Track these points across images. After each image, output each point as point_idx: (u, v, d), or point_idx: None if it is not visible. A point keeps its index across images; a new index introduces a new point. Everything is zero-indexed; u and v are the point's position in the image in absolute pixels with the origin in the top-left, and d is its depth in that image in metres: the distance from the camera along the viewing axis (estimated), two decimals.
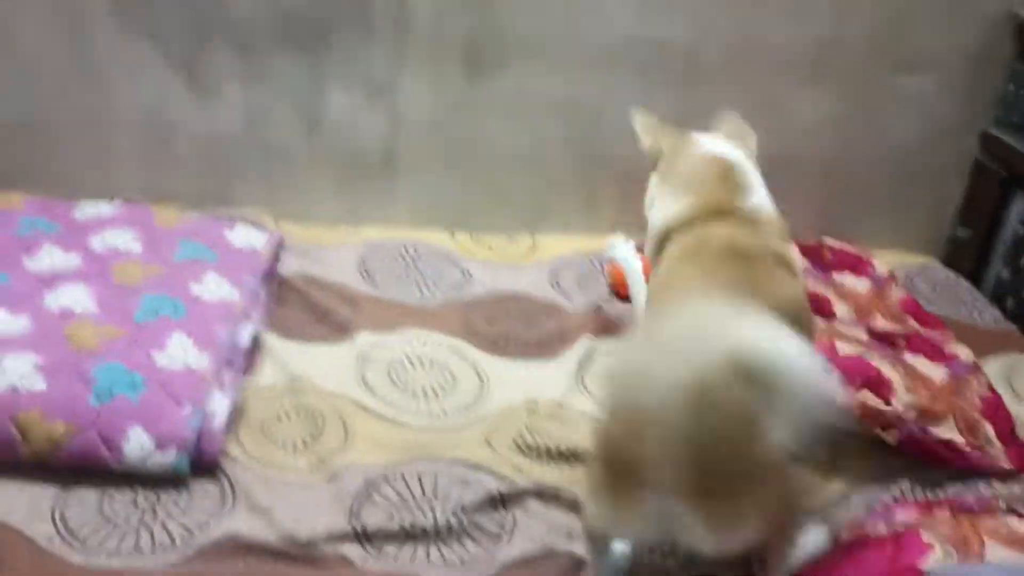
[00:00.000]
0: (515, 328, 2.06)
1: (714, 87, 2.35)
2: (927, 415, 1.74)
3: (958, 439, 1.73)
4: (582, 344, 1.99)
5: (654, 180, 1.69)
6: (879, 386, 1.77)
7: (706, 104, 2.35)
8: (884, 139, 2.45)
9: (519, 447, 1.70)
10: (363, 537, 1.47)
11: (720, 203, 1.54)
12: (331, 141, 2.34)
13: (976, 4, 2.34)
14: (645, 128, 1.72)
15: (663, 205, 1.62)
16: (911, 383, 1.80)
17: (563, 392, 1.86)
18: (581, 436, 1.67)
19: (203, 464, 1.53)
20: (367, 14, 2.20)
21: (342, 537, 1.46)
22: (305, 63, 2.25)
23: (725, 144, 1.65)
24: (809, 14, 2.30)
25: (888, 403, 1.73)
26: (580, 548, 1.47)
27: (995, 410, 1.82)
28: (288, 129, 2.32)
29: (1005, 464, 1.73)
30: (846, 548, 1.47)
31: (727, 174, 1.58)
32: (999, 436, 1.77)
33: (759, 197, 1.58)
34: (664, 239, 1.58)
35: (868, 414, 1.71)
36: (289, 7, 2.18)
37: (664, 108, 2.36)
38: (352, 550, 1.45)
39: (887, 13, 2.32)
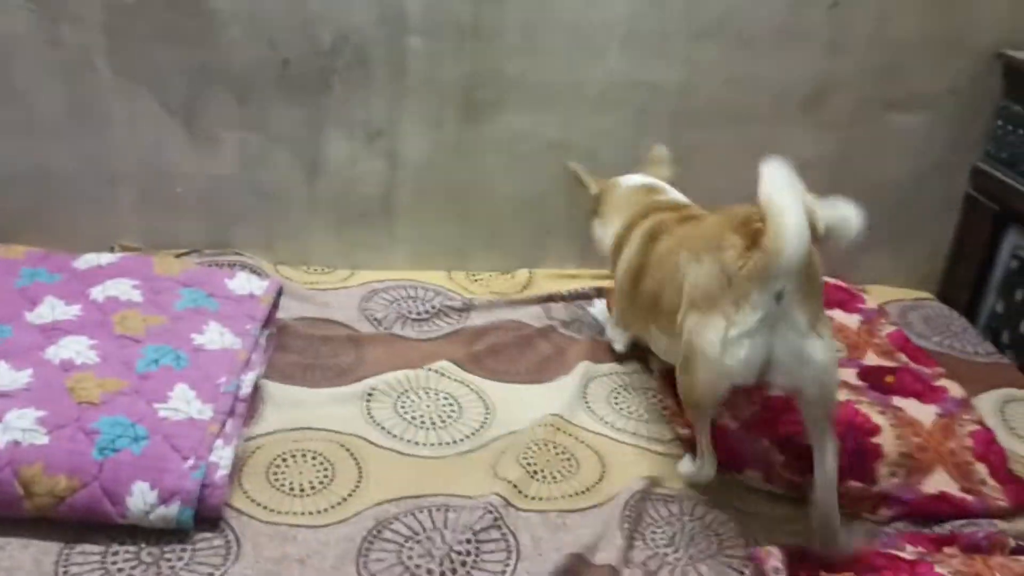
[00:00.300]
0: (517, 355, 2.11)
1: (707, 127, 2.39)
2: (916, 468, 1.75)
3: (951, 487, 1.74)
4: (582, 367, 2.05)
5: (596, 222, 2.12)
6: (867, 433, 1.78)
7: (699, 144, 2.41)
8: (877, 176, 2.48)
9: (526, 469, 1.73)
10: None
11: (646, 205, 2.01)
12: (330, 185, 2.36)
13: (965, 44, 2.39)
14: (588, 178, 2.16)
15: (607, 232, 2.06)
16: (900, 429, 1.81)
17: (570, 411, 1.91)
18: (586, 453, 1.80)
19: (207, 516, 1.52)
20: (365, 60, 2.23)
21: None
22: (304, 109, 2.27)
23: (640, 176, 2.12)
24: (801, 54, 2.34)
25: (874, 480, 1.73)
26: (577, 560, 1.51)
27: (987, 447, 1.82)
28: (287, 174, 2.34)
29: (1003, 503, 1.74)
30: (857, 574, 1.47)
31: (646, 191, 2.07)
32: (993, 475, 1.77)
33: (674, 193, 2.06)
34: (616, 252, 2.00)
35: (854, 498, 1.71)
36: (288, 53, 2.20)
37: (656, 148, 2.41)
38: None
39: (878, 53, 2.37)
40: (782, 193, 1.41)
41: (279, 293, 2.06)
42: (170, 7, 2.13)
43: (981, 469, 1.77)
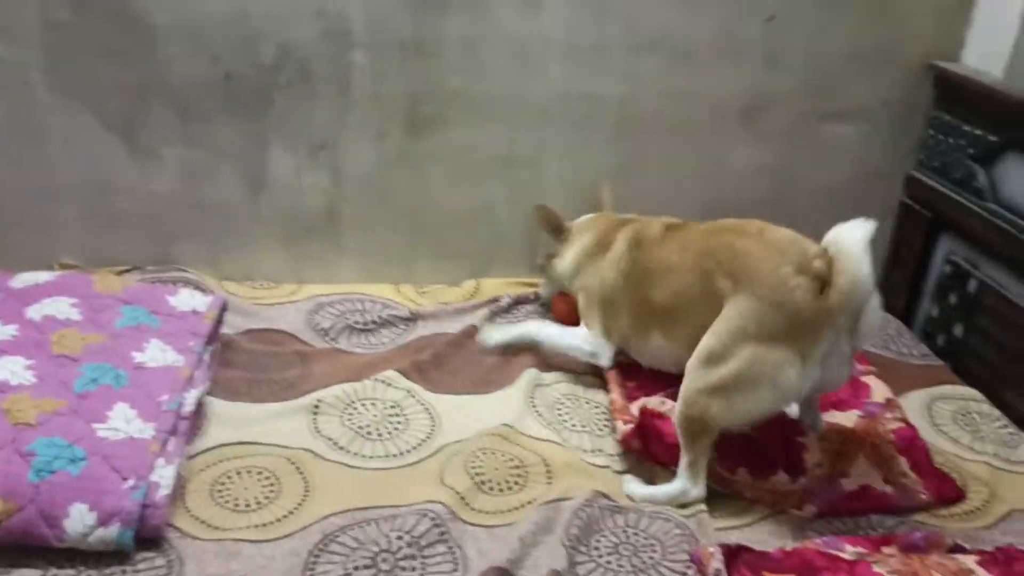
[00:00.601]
0: (463, 365, 2.12)
1: (648, 139, 2.43)
2: (838, 463, 1.80)
3: (874, 478, 1.79)
4: (528, 376, 2.07)
5: (556, 261, 2.26)
6: (795, 432, 1.84)
7: (641, 155, 2.45)
8: (815, 185, 2.54)
9: (473, 479, 1.74)
10: None
11: (611, 220, 2.20)
12: (274, 200, 2.36)
13: (897, 56, 2.46)
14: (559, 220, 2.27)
15: (566, 258, 2.22)
16: (824, 432, 1.87)
17: (517, 418, 1.92)
18: (531, 457, 1.82)
19: (148, 536, 1.51)
20: (308, 75, 2.23)
21: None
22: (247, 123, 2.26)
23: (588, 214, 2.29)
24: (739, 67, 2.39)
25: (797, 476, 1.77)
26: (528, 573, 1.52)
27: (910, 443, 1.88)
28: (231, 189, 2.32)
29: (924, 496, 1.79)
30: (799, 574, 1.50)
31: (604, 216, 2.25)
32: (914, 468, 1.82)
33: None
34: (580, 269, 2.16)
35: (780, 494, 1.77)
36: (230, 68, 2.19)
37: (600, 160, 2.45)
38: None
39: (813, 65, 2.42)
40: (861, 245, 1.60)
41: (223, 309, 2.05)
42: (108, 22, 2.11)
43: (903, 462, 1.83)
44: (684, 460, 1.74)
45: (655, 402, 1.89)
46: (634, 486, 1.78)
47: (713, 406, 1.69)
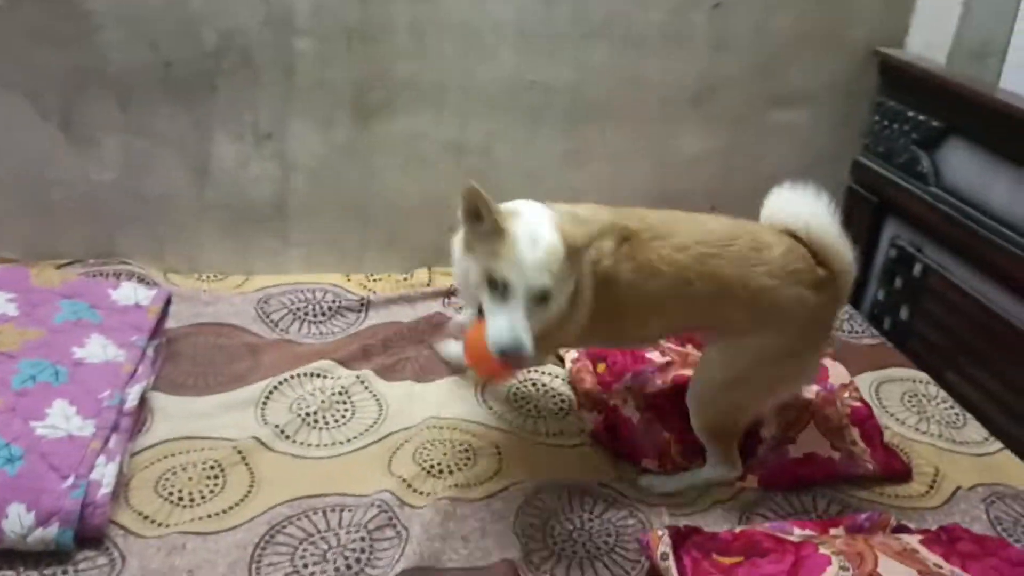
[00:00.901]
0: (413, 353, 2.10)
1: (598, 125, 2.42)
2: (789, 430, 1.84)
3: (821, 446, 1.82)
4: None
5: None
6: None
7: (592, 141, 2.44)
8: (764, 170, 2.55)
9: (421, 466, 1.73)
10: None
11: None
12: (219, 189, 2.31)
13: (843, 42, 2.48)
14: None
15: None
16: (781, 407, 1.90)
17: (466, 408, 1.91)
18: (482, 445, 1.81)
19: (89, 536, 1.47)
20: (251, 61, 2.19)
21: None
22: (189, 111, 2.21)
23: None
24: (687, 53, 2.39)
25: (746, 460, 1.80)
26: (473, 558, 1.52)
27: (865, 420, 1.91)
28: (173, 179, 2.27)
29: (870, 465, 1.82)
30: (746, 556, 1.51)
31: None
32: (865, 439, 1.86)
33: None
34: None
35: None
36: (169, 55, 2.14)
37: (551, 147, 2.44)
38: None
39: (760, 51, 2.44)
40: (836, 227, 1.65)
41: (168, 303, 2.01)
42: (42, 9, 2.04)
43: (854, 432, 1.87)
44: (719, 450, 1.75)
45: (619, 396, 1.90)
46: (656, 480, 1.77)
47: (741, 418, 1.75)
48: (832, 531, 1.64)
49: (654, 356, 2.03)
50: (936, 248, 2.34)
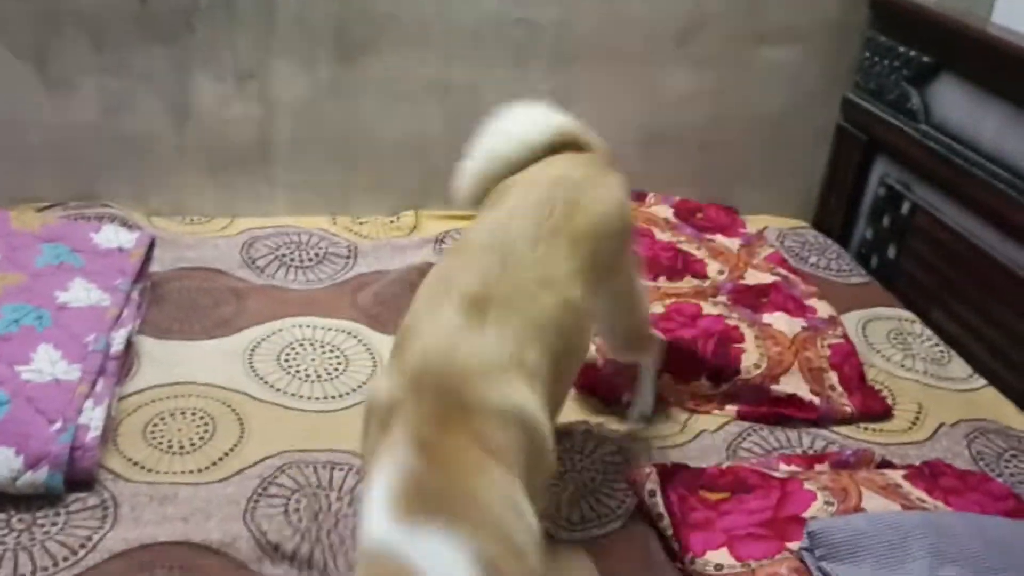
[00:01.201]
0: (404, 304, 2.04)
1: (585, 64, 2.38)
2: (773, 370, 1.85)
3: (802, 389, 1.84)
4: None
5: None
6: (732, 340, 1.89)
7: (578, 81, 2.40)
8: (752, 109, 2.53)
9: None
10: (259, 537, 1.44)
11: None
12: (201, 131, 2.27)
13: None
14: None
15: None
16: (764, 341, 1.91)
17: None
18: None
19: (79, 479, 1.47)
20: None
21: (236, 539, 1.43)
22: (167, 50, 2.16)
23: None
24: None
25: (720, 383, 1.83)
26: None
27: (845, 358, 1.93)
28: (153, 120, 2.23)
29: (848, 408, 1.85)
30: (733, 492, 1.54)
31: None
32: (843, 382, 1.89)
33: None
34: None
35: (698, 400, 1.83)
36: None
37: (537, 87, 2.40)
38: (248, 552, 1.42)
39: None
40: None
41: (151, 246, 1.98)
42: None
43: (832, 376, 1.89)
44: (646, 345, 1.73)
45: None
46: (640, 405, 1.80)
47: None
48: (817, 467, 1.66)
49: None
50: (925, 186, 2.34)
